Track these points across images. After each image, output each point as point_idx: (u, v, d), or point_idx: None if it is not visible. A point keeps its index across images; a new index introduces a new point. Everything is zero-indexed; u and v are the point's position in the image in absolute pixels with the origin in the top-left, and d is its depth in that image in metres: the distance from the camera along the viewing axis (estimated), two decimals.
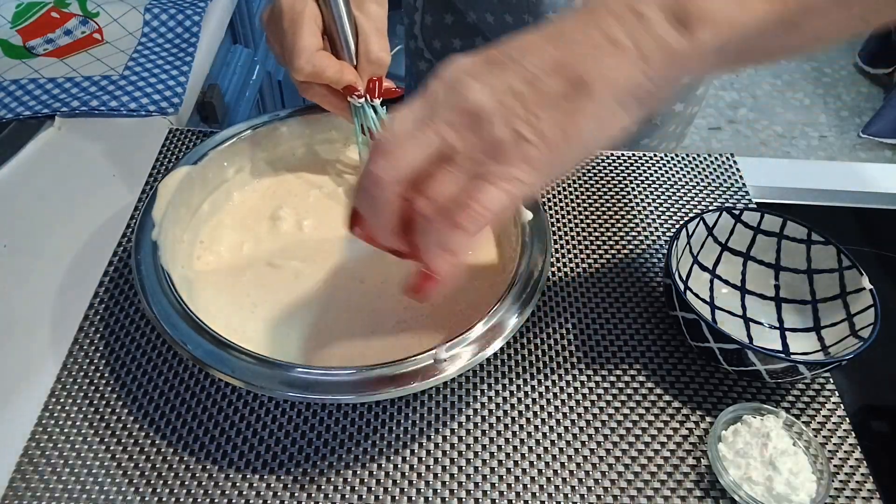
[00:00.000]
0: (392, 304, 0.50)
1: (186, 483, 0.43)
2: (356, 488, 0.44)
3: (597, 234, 0.60)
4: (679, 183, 0.65)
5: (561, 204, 0.63)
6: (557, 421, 0.47)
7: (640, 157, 0.68)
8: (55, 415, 0.46)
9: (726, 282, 0.56)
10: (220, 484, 0.43)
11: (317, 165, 0.60)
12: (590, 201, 0.63)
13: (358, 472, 0.44)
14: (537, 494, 0.44)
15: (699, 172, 0.66)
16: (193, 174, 0.52)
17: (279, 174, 0.59)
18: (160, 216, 0.49)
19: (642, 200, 0.64)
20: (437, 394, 0.49)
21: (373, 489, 0.44)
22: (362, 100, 0.49)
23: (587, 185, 0.65)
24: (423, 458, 0.45)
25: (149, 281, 0.45)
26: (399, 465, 0.45)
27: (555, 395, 0.49)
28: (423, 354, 0.41)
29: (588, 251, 0.59)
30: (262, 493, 0.43)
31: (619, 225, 0.61)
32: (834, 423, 0.48)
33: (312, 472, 0.44)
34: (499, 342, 0.43)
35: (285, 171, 0.59)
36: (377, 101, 0.50)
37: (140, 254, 0.46)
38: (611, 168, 0.67)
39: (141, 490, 0.43)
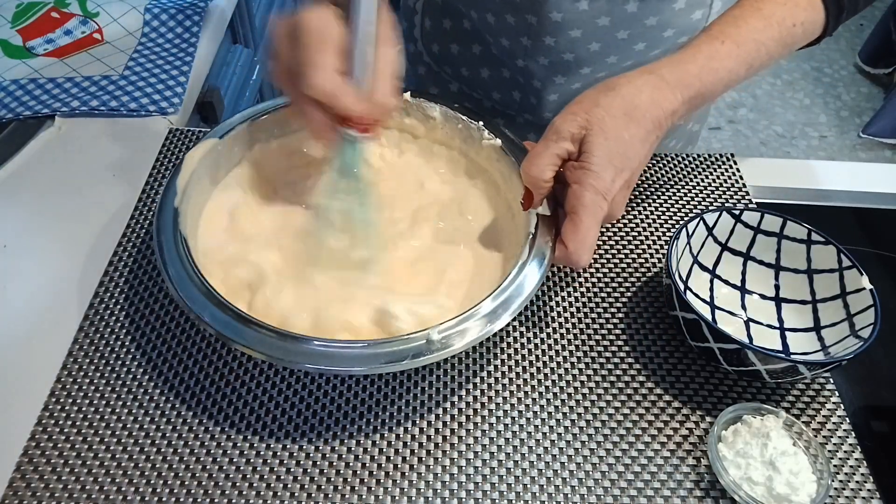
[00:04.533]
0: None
1: (186, 483, 0.43)
2: (356, 488, 0.44)
3: None
4: (679, 183, 0.65)
5: None
6: (557, 421, 0.47)
7: None
8: (55, 415, 0.46)
9: (726, 282, 0.56)
10: (220, 484, 0.43)
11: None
12: None
13: (358, 473, 0.44)
14: (537, 494, 0.44)
15: (699, 172, 0.66)
16: (220, 147, 0.54)
17: (303, 153, 0.59)
18: (184, 184, 0.50)
19: (642, 200, 0.64)
20: (437, 394, 0.49)
21: (373, 489, 0.44)
22: (360, 135, 0.47)
23: None
24: (423, 458, 0.45)
25: (168, 247, 0.46)
26: (399, 466, 0.45)
27: (555, 394, 0.49)
28: (428, 330, 0.43)
29: None
30: (262, 496, 0.43)
31: (620, 225, 0.61)
32: (834, 423, 0.48)
33: (313, 472, 0.44)
34: (507, 316, 0.44)
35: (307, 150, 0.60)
36: (369, 138, 0.48)
37: (161, 219, 0.48)
38: None
39: (141, 490, 0.43)
